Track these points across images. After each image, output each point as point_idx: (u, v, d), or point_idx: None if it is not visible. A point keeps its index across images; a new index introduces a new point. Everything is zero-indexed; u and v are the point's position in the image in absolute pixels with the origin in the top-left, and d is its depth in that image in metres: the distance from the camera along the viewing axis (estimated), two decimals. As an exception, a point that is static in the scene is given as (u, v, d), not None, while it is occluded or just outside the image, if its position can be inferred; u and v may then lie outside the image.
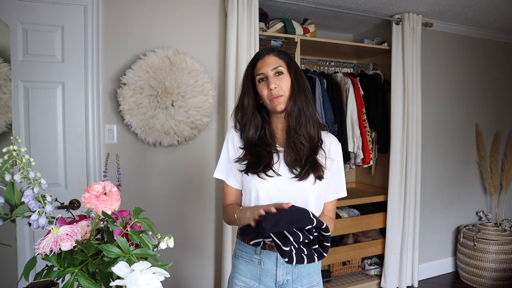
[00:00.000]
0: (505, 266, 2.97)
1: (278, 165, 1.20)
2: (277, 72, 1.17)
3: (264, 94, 1.18)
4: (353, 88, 2.90)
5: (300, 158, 1.17)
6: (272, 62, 1.18)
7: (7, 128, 1.24)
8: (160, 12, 2.17)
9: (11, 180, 0.81)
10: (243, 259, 1.26)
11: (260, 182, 1.19)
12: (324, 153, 1.21)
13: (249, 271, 1.23)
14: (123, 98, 2.00)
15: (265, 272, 1.21)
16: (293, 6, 2.62)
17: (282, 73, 1.17)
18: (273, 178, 1.18)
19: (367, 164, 2.94)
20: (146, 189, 2.18)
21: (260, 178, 1.19)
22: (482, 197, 3.52)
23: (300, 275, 1.23)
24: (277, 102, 1.16)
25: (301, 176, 1.17)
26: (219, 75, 2.34)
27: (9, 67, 1.28)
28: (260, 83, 1.19)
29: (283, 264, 1.21)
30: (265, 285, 1.21)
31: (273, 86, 1.15)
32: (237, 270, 1.27)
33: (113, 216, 0.81)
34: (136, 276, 0.66)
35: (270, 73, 1.17)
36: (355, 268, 3.06)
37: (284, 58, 1.20)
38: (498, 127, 3.49)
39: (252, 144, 1.22)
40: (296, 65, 1.22)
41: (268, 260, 1.21)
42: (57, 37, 1.93)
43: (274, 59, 1.18)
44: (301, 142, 1.17)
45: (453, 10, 2.83)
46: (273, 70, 1.17)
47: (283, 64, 1.18)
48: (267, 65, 1.17)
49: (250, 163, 1.21)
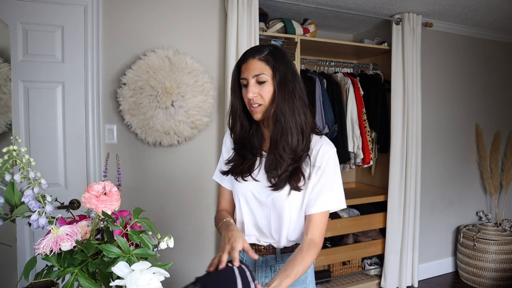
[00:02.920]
0: (505, 266, 2.97)
1: (258, 170, 1.15)
2: (258, 80, 1.06)
3: (245, 100, 1.11)
4: (353, 88, 2.90)
5: (277, 169, 1.08)
6: (254, 68, 1.06)
7: (7, 128, 1.24)
8: (160, 12, 2.17)
9: (11, 180, 0.81)
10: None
11: (238, 185, 1.17)
12: (309, 161, 1.10)
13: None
14: (123, 98, 2.00)
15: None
16: (293, 6, 2.62)
17: (264, 81, 1.06)
18: (250, 183, 1.15)
19: (367, 164, 2.94)
20: (146, 189, 2.18)
21: (237, 181, 1.16)
22: (482, 197, 3.52)
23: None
24: (254, 111, 1.09)
25: (276, 186, 1.08)
26: (219, 75, 2.34)
27: (9, 67, 1.28)
28: (243, 87, 1.11)
29: (261, 267, 1.19)
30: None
31: (250, 95, 1.06)
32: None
33: (113, 216, 0.81)
34: (136, 276, 0.66)
35: (251, 80, 1.07)
36: (355, 268, 3.06)
37: (270, 63, 1.06)
38: (498, 127, 3.49)
39: (240, 145, 1.18)
40: (286, 68, 1.08)
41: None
42: (57, 37, 1.93)
43: (258, 64, 1.06)
44: (280, 155, 1.07)
45: (453, 10, 2.83)
46: (254, 77, 1.06)
47: (267, 71, 1.06)
48: (249, 70, 1.07)
49: (234, 165, 1.18)
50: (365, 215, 2.90)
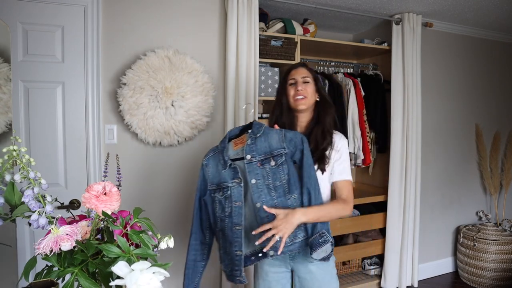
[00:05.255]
0: (505, 266, 2.97)
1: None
2: (304, 81, 1.49)
3: (291, 93, 1.50)
4: (355, 89, 2.89)
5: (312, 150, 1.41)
6: (302, 72, 1.52)
7: (7, 128, 1.24)
8: (160, 12, 2.17)
9: (11, 180, 0.81)
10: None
11: None
12: (332, 146, 1.47)
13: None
14: (123, 98, 2.00)
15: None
16: (293, 6, 2.62)
17: (309, 82, 1.50)
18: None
19: (367, 165, 2.94)
20: (146, 189, 2.18)
21: None
22: (482, 197, 3.52)
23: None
24: (300, 102, 1.47)
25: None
26: (219, 75, 2.34)
27: (9, 67, 1.28)
28: (290, 86, 1.51)
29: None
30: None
31: (299, 87, 1.48)
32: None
33: (113, 216, 0.81)
34: (136, 275, 0.66)
35: (300, 80, 1.50)
36: (355, 268, 3.06)
37: (312, 74, 1.54)
38: (498, 127, 3.49)
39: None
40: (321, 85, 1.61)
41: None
42: (57, 37, 1.93)
43: (305, 71, 1.53)
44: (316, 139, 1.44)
45: (453, 10, 2.83)
46: (302, 78, 1.50)
47: (310, 76, 1.52)
48: (299, 73, 1.52)
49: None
50: (365, 215, 2.90)
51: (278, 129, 1.40)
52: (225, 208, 1.35)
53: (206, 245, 1.48)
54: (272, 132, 1.38)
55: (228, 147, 1.42)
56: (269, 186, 1.31)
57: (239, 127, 1.47)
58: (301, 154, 1.35)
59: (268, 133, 1.38)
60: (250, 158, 1.33)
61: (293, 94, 1.48)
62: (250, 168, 1.32)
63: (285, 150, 1.34)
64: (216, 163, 1.41)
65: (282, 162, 1.32)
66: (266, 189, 1.31)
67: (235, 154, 1.40)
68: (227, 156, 1.38)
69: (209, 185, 1.42)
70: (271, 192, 1.31)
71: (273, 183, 1.31)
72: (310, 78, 1.51)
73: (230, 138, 1.44)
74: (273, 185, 1.31)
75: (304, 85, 1.48)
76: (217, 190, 1.39)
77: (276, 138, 1.36)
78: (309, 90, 1.49)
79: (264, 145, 1.35)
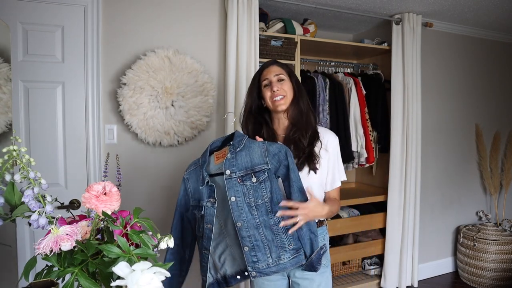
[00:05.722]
0: (505, 266, 2.97)
1: None
2: (279, 79, 1.40)
3: (267, 96, 1.40)
4: (356, 88, 2.90)
5: (298, 150, 1.35)
6: (275, 70, 1.41)
7: (7, 128, 1.24)
8: (161, 12, 2.17)
9: (11, 180, 0.81)
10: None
11: None
12: (320, 144, 1.39)
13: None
14: (123, 98, 2.00)
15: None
16: (293, 6, 2.62)
17: (284, 79, 1.40)
18: None
19: (371, 163, 2.94)
20: (146, 189, 2.18)
21: None
22: (482, 197, 3.52)
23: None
24: (279, 103, 1.38)
25: (297, 166, 1.31)
26: (219, 75, 2.34)
27: (9, 67, 1.28)
28: (265, 87, 1.41)
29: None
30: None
31: (275, 88, 1.37)
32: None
33: (113, 216, 0.81)
34: (137, 276, 0.66)
35: (273, 79, 1.40)
36: (355, 268, 3.06)
37: (285, 69, 1.44)
38: (498, 127, 3.49)
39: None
40: (296, 77, 1.46)
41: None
42: (57, 37, 1.93)
43: (277, 68, 1.42)
44: (299, 138, 1.36)
45: (453, 10, 2.83)
46: (275, 76, 1.40)
47: (284, 73, 1.42)
48: (271, 72, 1.41)
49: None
50: (365, 215, 2.90)
51: (261, 142, 1.29)
52: (199, 228, 1.31)
53: (185, 262, 1.40)
54: (254, 145, 1.27)
55: (210, 161, 1.34)
56: (250, 204, 1.20)
57: (221, 138, 1.39)
58: (286, 170, 1.24)
59: (249, 146, 1.27)
60: (230, 174, 1.23)
61: (270, 96, 1.38)
62: (229, 184, 1.22)
63: (267, 165, 1.23)
64: (196, 177, 1.34)
65: (264, 178, 1.22)
66: (247, 207, 1.20)
67: (217, 169, 1.29)
68: (206, 172, 1.30)
69: (191, 200, 1.36)
70: (252, 210, 1.20)
71: (255, 201, 1.20)
72: (284, 75, 1.41)
73: (212, 151, 1.36)
74: (255, 203, 1.20)
75: (279, 84, 1.38)
76: (196, 207, 1.33)
77: (258, 152, 1.25)
78: (286, 87, 1.39)
79: (245, 159, 1.24)
